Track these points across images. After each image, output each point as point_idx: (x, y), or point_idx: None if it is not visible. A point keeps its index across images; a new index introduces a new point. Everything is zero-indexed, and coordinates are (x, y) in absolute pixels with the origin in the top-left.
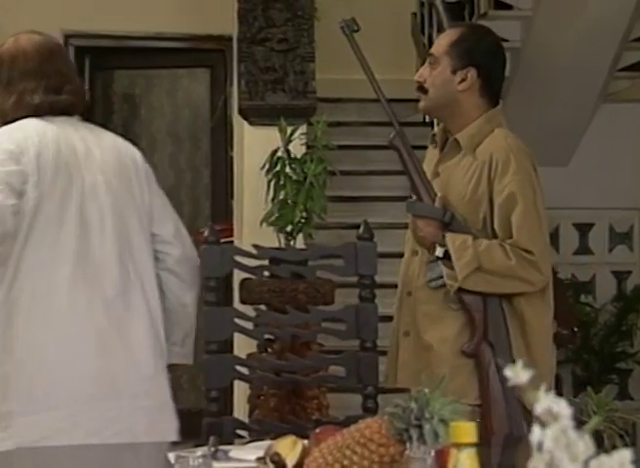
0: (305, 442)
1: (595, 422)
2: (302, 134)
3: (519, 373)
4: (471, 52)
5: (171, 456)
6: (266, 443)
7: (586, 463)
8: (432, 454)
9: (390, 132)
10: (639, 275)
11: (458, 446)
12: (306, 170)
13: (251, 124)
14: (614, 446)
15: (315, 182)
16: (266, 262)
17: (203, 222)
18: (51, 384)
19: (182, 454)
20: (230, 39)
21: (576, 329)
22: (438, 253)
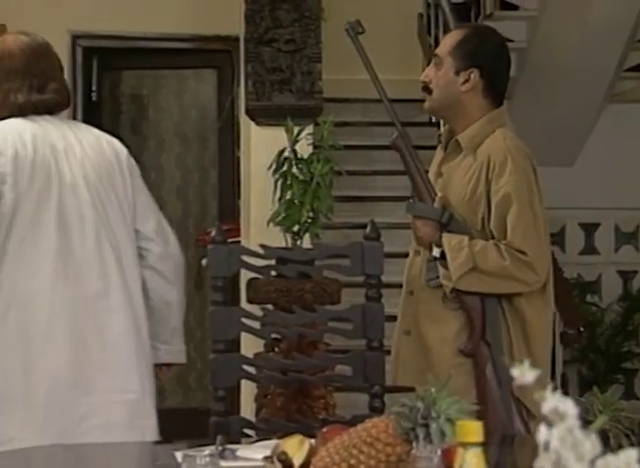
0: (312, 441)
1: (601, 422)
2: (309, 134)
3: (525, 373)
4: (474, 53)
5: (178, 455)
6: (273, 442)
7: (593, 463)
8: (439, 453)
9: (393, 132)
10: None
11: (464, 445)
12: (313, 170)
13: (258, 124)
14: (620, 445)
15: (322, 182)
16: (273, 262)
17: (210, 222)
18: (27, 383)
19: (190, 453)
20: (237, 40)
21: (582, 328)
22: (435, 254)
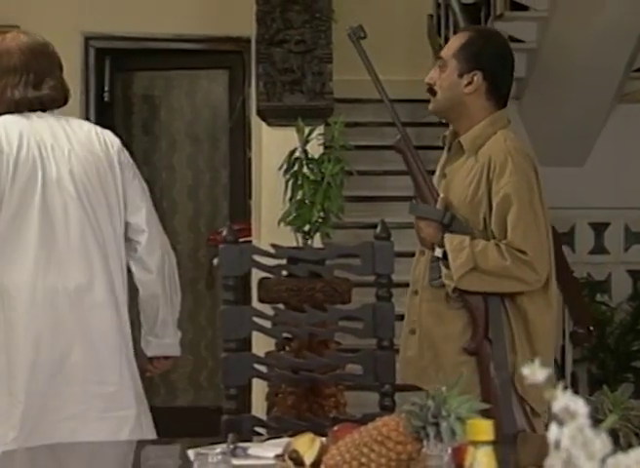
0: (323, 439)
1: (611, 421)
2: (320, 134)
3: (535, 372)
4: (478, 55)
5: (190, 453)
6: (285, 440)
7: (603, 461)
8: (449, 452)
9: (397, 134)
10: None
11: (474, 443)
12: (324, 170)
13: (269, 124)
14: (629, 444)
15: (332, 182)
16: (284, 262)
17: (222, 222)
18: (10, 375)
19: (202, 451)
20: (249, 41)
21: (591, 327)
22: (437, 254)
